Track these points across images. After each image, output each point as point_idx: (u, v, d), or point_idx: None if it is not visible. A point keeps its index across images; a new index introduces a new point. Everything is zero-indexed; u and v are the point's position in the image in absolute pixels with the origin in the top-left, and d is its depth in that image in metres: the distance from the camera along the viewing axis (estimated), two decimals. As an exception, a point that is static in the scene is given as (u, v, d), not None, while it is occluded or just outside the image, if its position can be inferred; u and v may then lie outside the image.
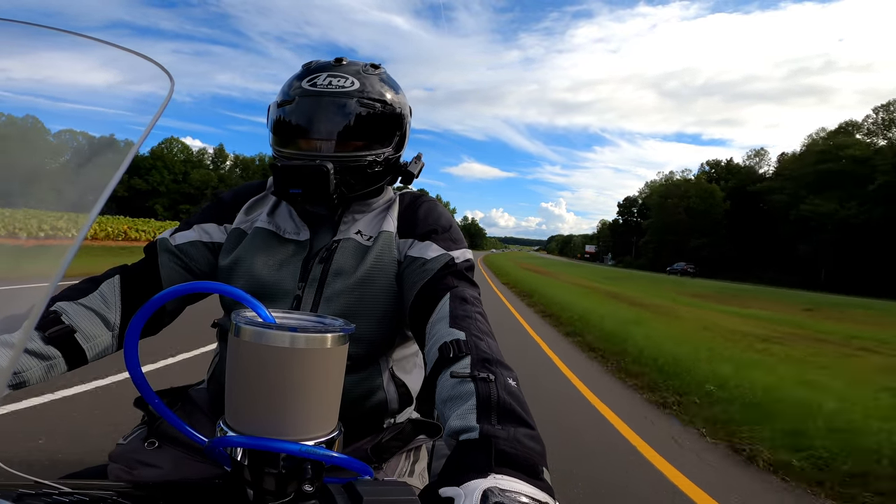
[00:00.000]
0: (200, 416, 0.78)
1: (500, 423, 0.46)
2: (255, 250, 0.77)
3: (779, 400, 3.47)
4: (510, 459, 0.41)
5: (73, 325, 0.63)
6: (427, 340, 0.65)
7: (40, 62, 0.44)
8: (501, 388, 0.51)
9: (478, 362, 0.55)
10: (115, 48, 0.39)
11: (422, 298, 0.70)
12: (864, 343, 8.35)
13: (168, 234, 0.80)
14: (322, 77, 0.76)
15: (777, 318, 12.40)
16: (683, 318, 10.15)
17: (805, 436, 2.81)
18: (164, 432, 0.72)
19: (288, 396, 0.39)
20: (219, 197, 0.87)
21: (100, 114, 0.51)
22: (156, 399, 0.47)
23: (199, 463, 0.69)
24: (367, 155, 0.77)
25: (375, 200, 0.84)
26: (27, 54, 0.44)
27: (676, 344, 5.72)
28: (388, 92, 0.80)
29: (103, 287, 0.70)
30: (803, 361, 5.91)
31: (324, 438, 0.40)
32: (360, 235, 0.78)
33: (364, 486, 0.36)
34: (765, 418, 3.11)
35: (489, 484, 0.36)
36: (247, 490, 0.42)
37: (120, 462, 0.69)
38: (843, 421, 3.05)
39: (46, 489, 0.43)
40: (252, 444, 0.39)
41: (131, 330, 0.42)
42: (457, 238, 0.79)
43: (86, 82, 0.47)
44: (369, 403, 0.75)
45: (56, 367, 0.62)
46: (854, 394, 4.02)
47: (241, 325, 0.40)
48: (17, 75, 0.45)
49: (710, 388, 3.74)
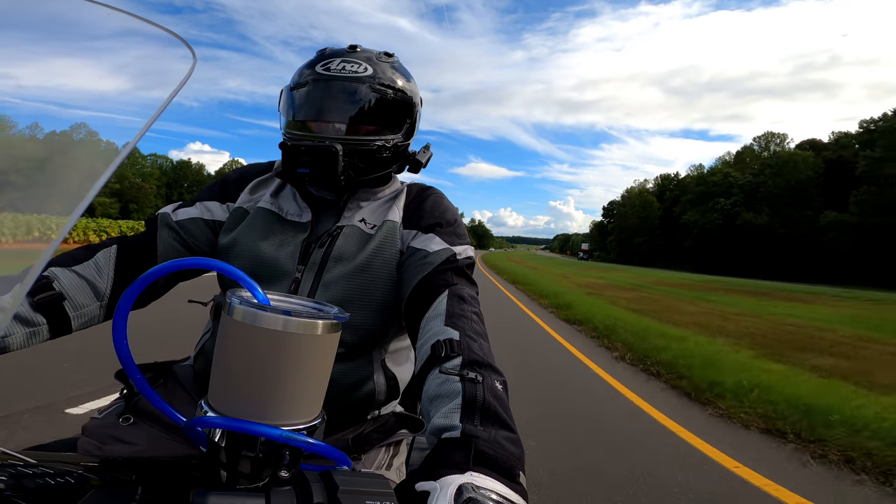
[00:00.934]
0: (183, 393, 0.77)
1: (483, 425, 0.46)
2: (255, 230, 0.77)
3: (594, 313, 8.19)
4: (488, 460, 0.42)
5: (64, 293, 0.63)
6: (420, 336, 0.65)
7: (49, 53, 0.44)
8: (488, 390, 0.51)
9: (468, 363, 0.55)
10: (136, 19, 0.39)
11: (419, 291, 0.70)
12: (649, 293, 15.77)
13: (170, 210, 0.79)
14: (336, 62, 0.77)
15: (617, 279, 23.79)
16: (562, 276, 22.64)
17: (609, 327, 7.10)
18: (142, 408, 0.71)
19: (274, 380, 0.39)
20: (225, 177, 0.87)
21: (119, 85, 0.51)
22: (137, 374, 0.46)
23: (174, 442, 0.68)
24: (376, 140, 0.77)
25: (382, 189, 0.85)
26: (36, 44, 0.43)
27: (551, 284, 15.18)
28: (399, 79, 0.81)
29: (99, 256, 0.69)
30: (610, 298, 12.14)
31: (306, 425, 0.40)
32: (364, 223, 0.78)
33: (340, 476, 0.36)
34: (588, 316, 7.93)
35: (465, 480, 0.36)
36: (220, 472, 0.41)
37: (92, 436, 0.68)
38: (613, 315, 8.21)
39: (12, 460, 0.42)
40: (232, 425, 0.39)
41: (124, 300, 0.42)
42: (461, 234, 0.79)
43: (106, 56, 0.47)
44: (357, 394, 0.75)
45: (39, 335, 0.61)
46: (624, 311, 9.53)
47: (235, 304, 0.40)
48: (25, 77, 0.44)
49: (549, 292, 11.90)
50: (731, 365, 4.58)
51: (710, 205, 59.05)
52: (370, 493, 0.35)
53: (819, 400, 3.52)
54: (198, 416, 0.40)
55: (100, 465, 0.55)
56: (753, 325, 8.67)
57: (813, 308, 13.94)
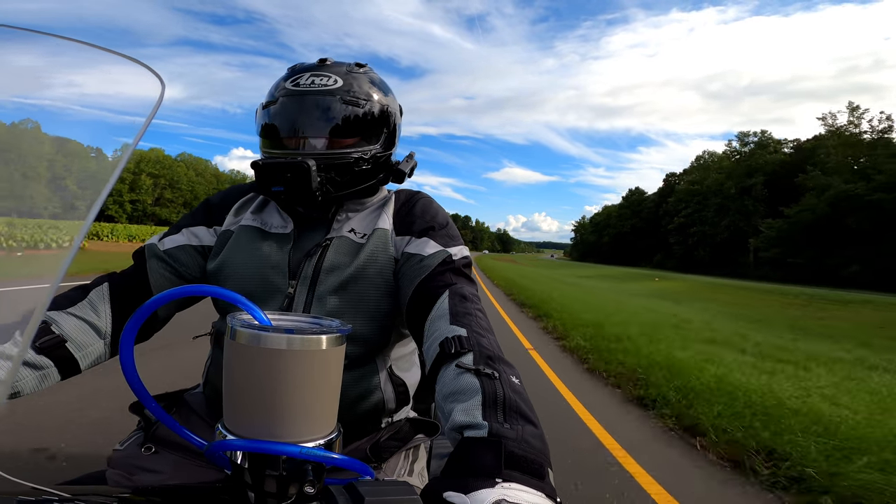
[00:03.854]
0: (197, 420, 0.77)
1: (508, 422, 0.46)
2: (240, 249, 0.76)
3: (552, 298, 9.58)
4: (519, 462, 0.41)
5: (63, 335, 0.63)
6: (426, 338, 0.64)
7: (35, 68, 0.44)
8: (507, 385, 0.50)
9: (481, 359, 0.54)
10: (106, 52, 0.38)
11: (419, 294, 0.69)
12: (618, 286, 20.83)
13: (156, 240, 0.78)
14: (305, 77, 0.76)
15: (582, 273, 33.96)
16: (534, 269, 32.11)
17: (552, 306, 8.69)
18: (162, 437, 0.72)
19: (286, 398, 0.39)
20: (208, 200, 0.86)
21: (93, 118, 0.50)
22: (153, 403, 0.47)
23: (198, 467, 0.69)
24: (352, 152, 0.76)
25: (370, 199, 0.83)
26: (23, 61, 0.43)
27: (524, 278, 18.88)
28: (372, 90, 0.79)
29: (92, 295, 0.69)
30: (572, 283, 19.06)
31: (323, 440, 0.40)
32: (354, 233, 0.77)
33: (365, 487, 0.36)
34: (544, 301, 9.25)
35: (497, 496, 0.35)
36: (248, 493, 0.42)
37: (119, 468, 0.69)
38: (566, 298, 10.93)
39: (46, 496, 0.43)
40: (252, 447, 0.39)
41: (126, 334, 0.42)
42: (454, 235, 0.79)
43: (78, 87, 0.47)
44: (367, 403, 0.75)
45: (49, 377, 0.61)
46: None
47: (237, 327, 0.39)
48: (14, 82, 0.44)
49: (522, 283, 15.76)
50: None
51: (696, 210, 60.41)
52: (397, 502, 0.35)
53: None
54: (217, 440, 0.41)
55: (132, 495, 0.56)
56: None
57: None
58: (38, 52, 0.42)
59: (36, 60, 0.43)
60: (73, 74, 0.45)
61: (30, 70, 0.44)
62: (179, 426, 0.47)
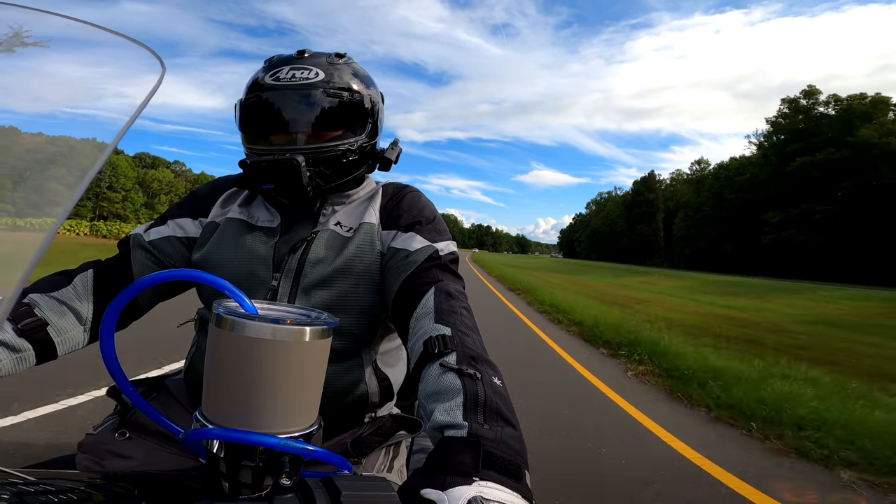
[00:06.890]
0: (177, 406, 0.76)
1: (488, 423, 0.46)
2: (226, 240, 0.75)
3: (536, 287, 13.86)
4: (496, 462, 0.41)
5: (46, 319, 0.62)
6: (410, 335, 0.64)
7: (30, 48, 0.43)
8: (488, 386, 0.51)
9: (464, 359, 0.55)
10: (106, 32, 0.38)
11: (405, 291, 0.69)
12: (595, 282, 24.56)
13: (142, 230, 0.77)
14: (285, 70, 0.75)
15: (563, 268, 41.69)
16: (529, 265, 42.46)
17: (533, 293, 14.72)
18: (137, 423, 0.71)
19: (268, 389, 0.38)
20: (195, 191, 0.85)
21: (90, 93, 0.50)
22: (131, 388, 0.46)
23: (171, 455, 0.68)
24: (339, 144, 0.75)
25: (356, 192, 0.83)
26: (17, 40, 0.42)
27: (512, 268, 29.52)
28: (354, 80, 0.78)
29: (76, 281, 0.68)
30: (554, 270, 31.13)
31: (303, 432, 0.40)
32: (340, 227, 0.77)
33: (342, 481, 0.36)
34: (530, 288, 14.34)
35: (474, 492, 0.36)
36: (222, 482, 0.41)
37: (89, 452, 0.67)
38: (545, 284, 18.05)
39: (11, 479, 0.41)
40: (230, 436, 0.38)
41: (108, 317, 0.41)
42: (441, 230, 0.78)
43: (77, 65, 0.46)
44: (350, 397, 0.75)
45: (26, 360, 0.60)
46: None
47: (223, 314, 0.39)
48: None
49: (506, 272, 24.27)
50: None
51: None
52: (373, 497, 0.35)
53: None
54: (194, 427, 0.40)
55: (101, 480, 0.55)
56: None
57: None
58: (36, 30, 0.41)
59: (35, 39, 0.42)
60: (71, 54, 0.44)
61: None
62: (156, 412, 0.46)
